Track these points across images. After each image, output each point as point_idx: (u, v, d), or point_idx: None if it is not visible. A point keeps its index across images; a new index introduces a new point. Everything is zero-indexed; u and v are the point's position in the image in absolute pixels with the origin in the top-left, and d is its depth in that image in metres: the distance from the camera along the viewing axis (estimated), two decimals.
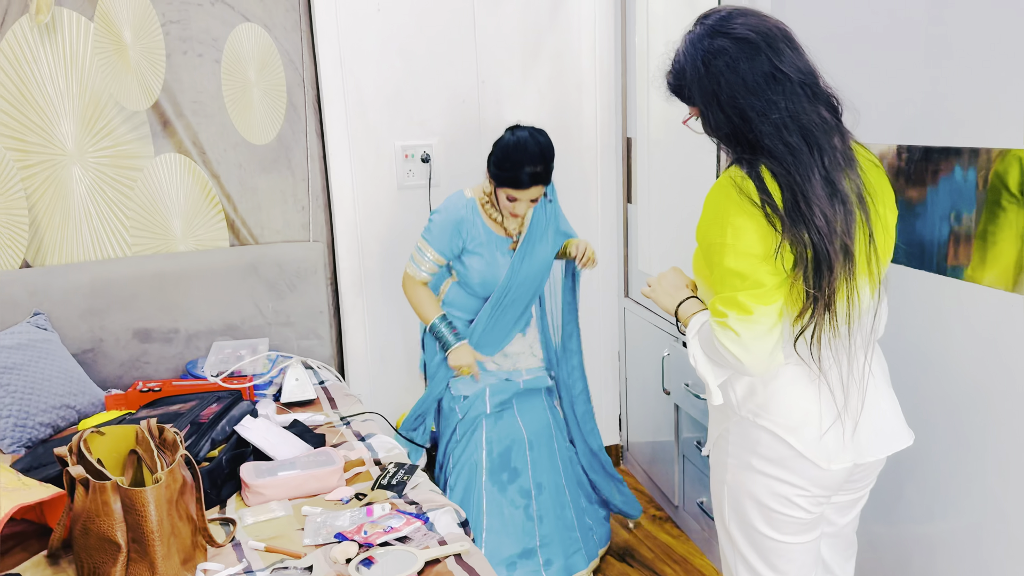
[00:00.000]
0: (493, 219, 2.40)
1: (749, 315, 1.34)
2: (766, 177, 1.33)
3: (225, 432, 2.01)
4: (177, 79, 2.62)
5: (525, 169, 2.22)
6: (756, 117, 1.33)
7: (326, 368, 2.76)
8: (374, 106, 2.82)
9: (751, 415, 1.47)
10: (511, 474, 2.48)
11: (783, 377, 1.44)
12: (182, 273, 2.66)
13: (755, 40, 1.34)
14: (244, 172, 2.76)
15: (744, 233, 1.34)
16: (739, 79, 1.33)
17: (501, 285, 2.40)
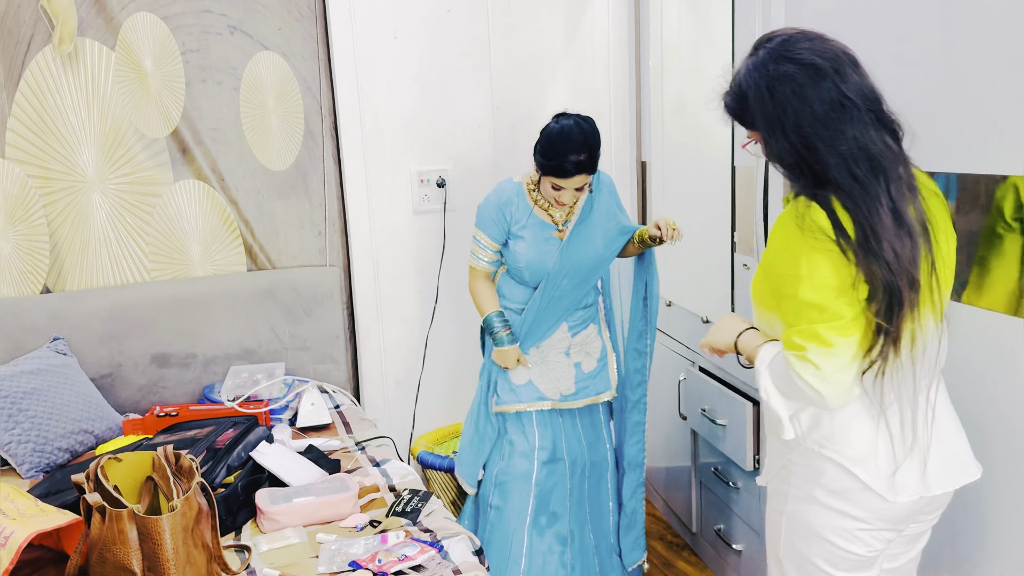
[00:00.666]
0: (540, 205, 2.35)
1: (830, 348, 1.31)
2: (837, 209, 1.30)
3: (241, 458, 2.01)
4: (196, 107, 2.65)
5: (569, 158, 2.17)
6: (824, 147, 1.30)
7: (342, 392, 2.77)
8: (390, 132, 2.84)
9: (816, 446, 1.44)
10: (550, 518, 2.44)
11: (849, 408, 1.40)
12: (200, 298, 2.68)
13: (822, 65, 1.30)
14: (262, 198, 2.78)
15: (818, 265, 1.30)
16: (806, 107, 1.30)
17: (552, 271, 2.33)
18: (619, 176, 3.14)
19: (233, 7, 2.64)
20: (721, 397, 2.48)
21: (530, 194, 2.35)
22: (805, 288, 1.31)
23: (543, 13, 2.96)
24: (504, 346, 2.36)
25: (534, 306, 2.37)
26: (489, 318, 2.38)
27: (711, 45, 2.54)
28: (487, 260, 2.37)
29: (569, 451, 2.46)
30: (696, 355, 2.70)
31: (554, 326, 2.41)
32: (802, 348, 1.33)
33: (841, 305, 1.30)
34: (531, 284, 2.38)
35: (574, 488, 2.48)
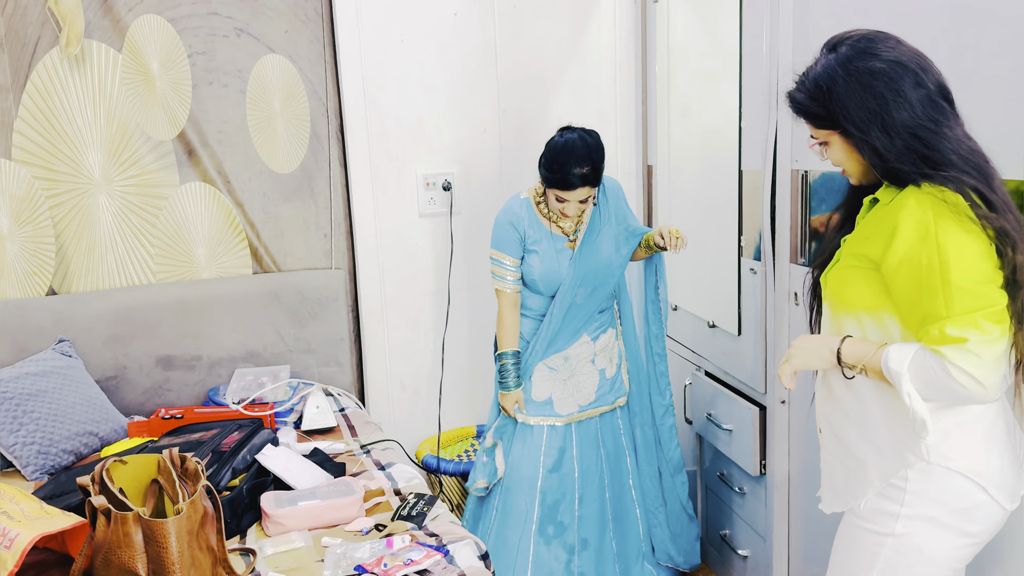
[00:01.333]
0: (548, 217, 2.37)
1: (991, 336, 1.26)
2: (969, 192, 1.28)
3: (246, 461, 2.01)
4: (203, 109, 2.65)
5: (573, 171, 2.20)
6: (933, 138, 1.30)
7: (346, 395, 2.76)
8: (396, 135, 2.84)
9: (943, 460, 1.36)
10: (557, 528, 2.44)
11: (985, 418, 1.36)
12: (205, 300, 2.68)
13: (909, 65, 1.32)
14: (268, 200, 2.78)
15: (967, 249, 1.26)
16: (904, 100, 1.30)
17: (567, 283, 2.34)
18: (625, 180, 3.13)
19: (240, 10, 2.65)
20: (727, 402, 2.47)
21: (538, 208, 2.37)
22: (956, 273, 1.26)
23: (549, 18, 2.95)
24: (508, 390, 2.39)
25: (552, 318, 2.38)
26: (504, 355, 2.39)
27: (718, 50, 2.53)
28: (513, 279, 2.37)
29: (581, 460, 2.45)
30: (702, 359, 2.69)
31: (574, 336, 2.42)
32: (962, 340, 1.26)
33: (994, 290, 1.27)
34: (547, 293, 2.39)
35: (587, 497, 2.46)
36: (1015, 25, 1.49)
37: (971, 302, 1.26)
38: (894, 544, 1.41)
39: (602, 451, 2.49)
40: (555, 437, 2.43)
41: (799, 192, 2.11)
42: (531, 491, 2.41)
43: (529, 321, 2.43)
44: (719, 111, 2.53)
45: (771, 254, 2.23)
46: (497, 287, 2.39)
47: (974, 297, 1.26)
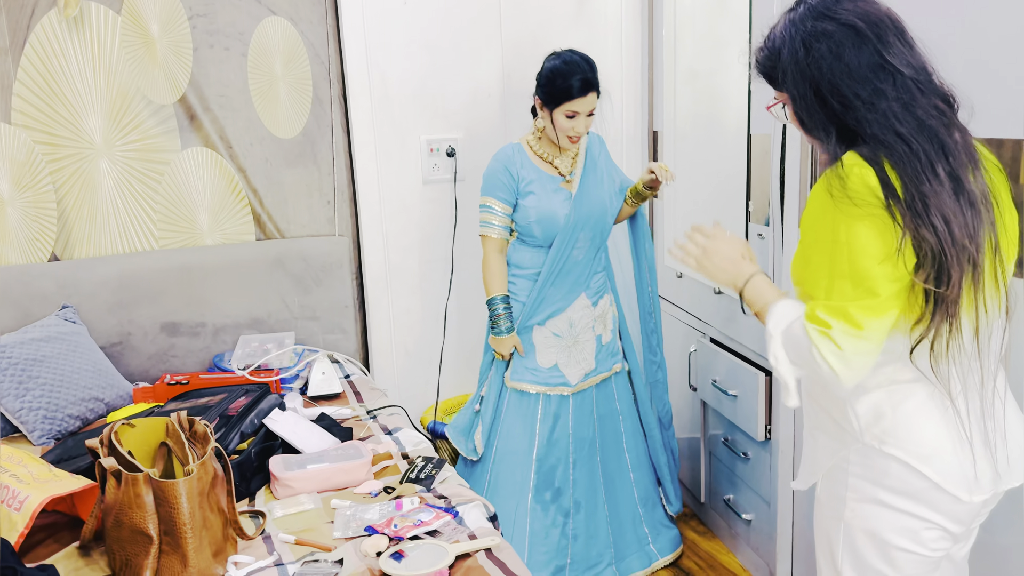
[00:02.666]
0: (542, 157, 2.39)
1: (859, 330, 1.20)
2: (886, 167, 1.20)
3: (254, 425, 2.01)
4: (204, 73, 2.62)
5: (576, 77, 2.24)
6: (862, 105, 1.22)
7: (351, 362, 2.76)
8: (399, 100, 2.81)
9: (877, 442, 1.30)
10: (554, 493, 2.45)
11: (914, 399, 1.29)
12: (209, 267, 2.66)
13: (862, 28, 1.24)
14: (270, 166, 2.76)
15: (859, 232, 1.20)
16: (843, 65, 1.23)
17: (566, 223, 2.34)
18: (630, 146, 3.11)
19: None
20: (732, 368, 2.47)
21: (531, 150, 2.39)
22: (841, 257, 1.21)
23: None
24: (502, 335, 2.38)
25: (549, 267, 2.36)
26: (493, 300, 2.38)
27: (726, 14, 2.50)
28: (500, 225, 2.37)
29: (576, 428, 2.47)
30: (707, 326, 2.69)
31: (572, 293, 2.41)
32: (826, 325, 1.22)
33: (879, 279, 1.20)
34: (543, 242, 2.38)
35: (579, 461, 2.48)
36: None
37: (848, 289, 1.21)
38: (846, 530, 1.36)
39: (595, 416, 2.52)
40: (550, 405, 2.44)
41: (808, 156, 2.09)
42: (526, 460, 2.43)
43: (523, 280, 2.42)
44: (727, 75, 2.50)
45: (779, 219, 2.21)
46: (483, 232, 2.39)
47: (853, 284, 1.21)
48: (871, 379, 1.29)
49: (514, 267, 2.43)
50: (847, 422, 1.34)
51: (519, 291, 2.42)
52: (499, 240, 2.38)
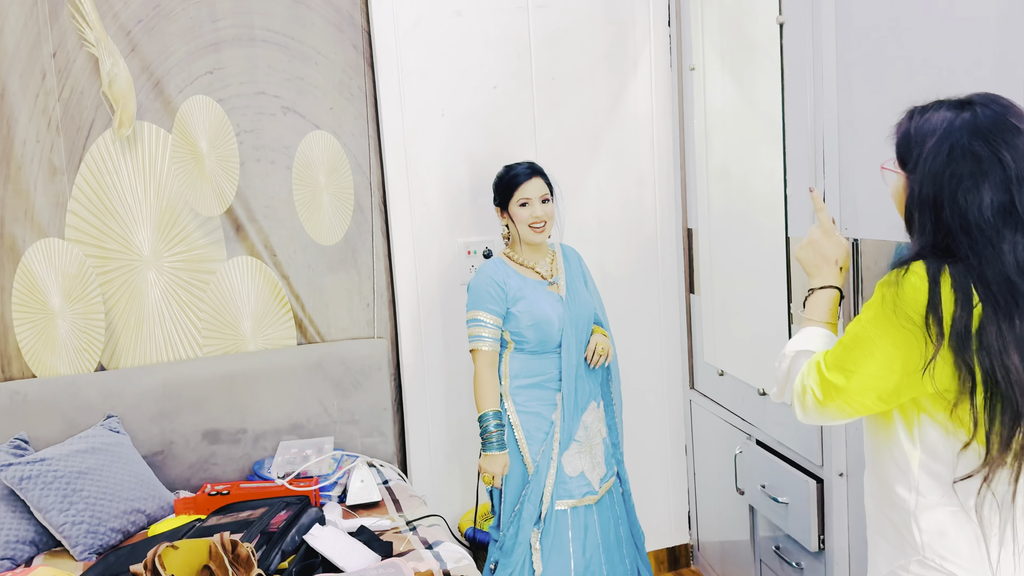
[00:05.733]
0: (523, 264, 2.48)
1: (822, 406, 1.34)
2: (945, 282, 1.21)
3: (295, 542, 1.99)
4: (250, 185, 2.71)
5: (520, 167, 2.46)
6: (980, 238, 1.22)
7: (390, 467, 2.74)
8: (437, 205, 2.87)
9: (939, 558, 1.32)
10: None
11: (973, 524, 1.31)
12: (251, 373, 2.69)
13: (1009, 166, 1.22)
14: (312, 272, 2.81)
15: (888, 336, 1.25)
16: (977, 195, 1.22)
17: (567, 324, 2.39)
18: (664, 243, 3.12)
19: (286, 89, 2.71)
20: (782, 473, 2.41)
21: (511, 261, 2.48)
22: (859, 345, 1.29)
23: (587, 88, 2.99)
24: (493, 451, 2.35)
25: (567, 373, 2.39)
26: (485, 416, 2.37)
27: (758, 115, 2.54)
28: (491, 337, 2.39)
29: (603, 535, 2.45)
30: (752, 427, 2.63)
31: (590, 396, 2.44)
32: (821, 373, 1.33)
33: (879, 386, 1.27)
34: (539, 347, 2.39)
35: (613, 571, 2.43)
36: None
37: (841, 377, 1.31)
38: None
39: (613, 520, 2.50)
40: (579, 517, 2.40)
41: (850, 259, 2.08)
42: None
43: (529, 390, 2.41)
44: (760, 175, 2.52)
45: None
46: (473, 347, 2.40)
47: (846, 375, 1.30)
48: (939, 490, 1.30)
49: (514, 378, 2.42)
50: (909, 534, 1.34)
51: (538, 405, 2.41)
52: (491, 353, 2.39)
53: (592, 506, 2.44)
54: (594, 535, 2.42)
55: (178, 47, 2.59)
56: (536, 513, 2.36)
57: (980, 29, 1.64)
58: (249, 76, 2.67)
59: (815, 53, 2.14)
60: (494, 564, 2.39)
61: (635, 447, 3.08)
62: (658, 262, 3.14)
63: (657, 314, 3.15)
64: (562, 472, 2.38)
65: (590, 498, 2.42)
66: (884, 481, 1.37)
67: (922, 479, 1.30)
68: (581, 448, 2.42)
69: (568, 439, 2.39)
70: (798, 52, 2.23)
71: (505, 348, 2.44)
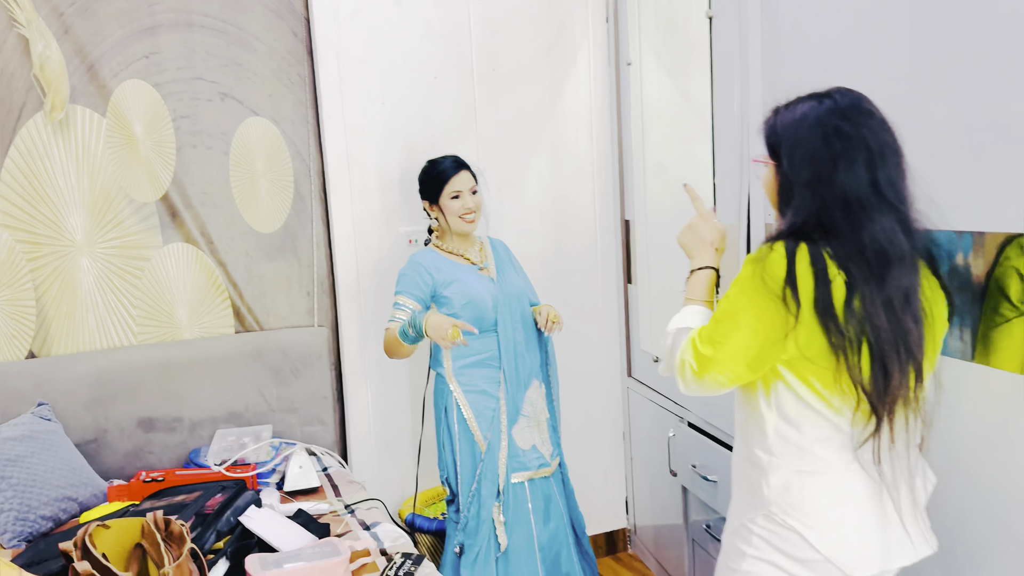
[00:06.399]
0: (453, 252, 2.53)
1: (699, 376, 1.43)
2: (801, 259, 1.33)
3: (230, 523, 1.98)
4: (186, 171, 2.68)
5: (446, 161, 2.51)
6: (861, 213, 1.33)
7: (329, 454, 2.74)
8: (378, 194, 2.88)
9: (782, 512, 1.44)
10: None
11: (821, 483, 1.42)
12: (187, 361, 2.67)
13: (874, 149, 1.34)
14: (251, 260, 2.80)
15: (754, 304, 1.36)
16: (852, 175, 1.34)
17: (500, 301, 2.43)
18: (603, 234, 3.19)
19: (224, 75, 2.70)
20: (711, 452, 2.49)
21: (442, 250, 2.53)
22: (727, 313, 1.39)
23: (527, 81, 3.04)
24: (433, 316, 2.28)
25: (504, 353, 2.43)
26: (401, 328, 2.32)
27: (691, 110, 2.62)
28: (406, 319, 2.38)
29: (567, 506, 2.49)
30: (685, 411, 2.71)
31: (531, 375, 2.48)
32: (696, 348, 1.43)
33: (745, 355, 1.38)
34: (475, 326, 2.38)
35: (578, 542, 2.49)
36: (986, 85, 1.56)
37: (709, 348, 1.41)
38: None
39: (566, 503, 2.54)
40: (536, 487, 2.44)
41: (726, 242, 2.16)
42: (530, 555, 2.40)
43: (471, 369, 2.44)
44: (694, 168, 2.61)
45: None
46: (388, 327, 2.39)
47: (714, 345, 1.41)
48: (788, 453, 1.43)
49: (456, 359, 2.45)
50: (760, 489, 1.46)
51: (471, 380, 2.44)
52: None
53: (549, 479, 2.47)
54: (556, 507, 2.46)
55: (113, 30, 2.56)
56: (494, 489, 2.39)
57: (897, 21, 1.74)
58: (186, 61, 2.65)
59: (742, 47, 2.22)
60: (459, 547, 2.40)
61: (574, 435, 3.14)
62: (596, 253, 3.20)
63: (595, 304, 3.21)
64: (514, 445, 2.42)
65: (545, 470, 2.45)
66: (747, 442, 1.49)
67: (775, 441, 1.42)
68: (530, 423, 2.46)
69: (515, 413, 2.42)
70: (726, 46, 2.31)
71: None
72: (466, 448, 2.43)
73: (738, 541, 1.51)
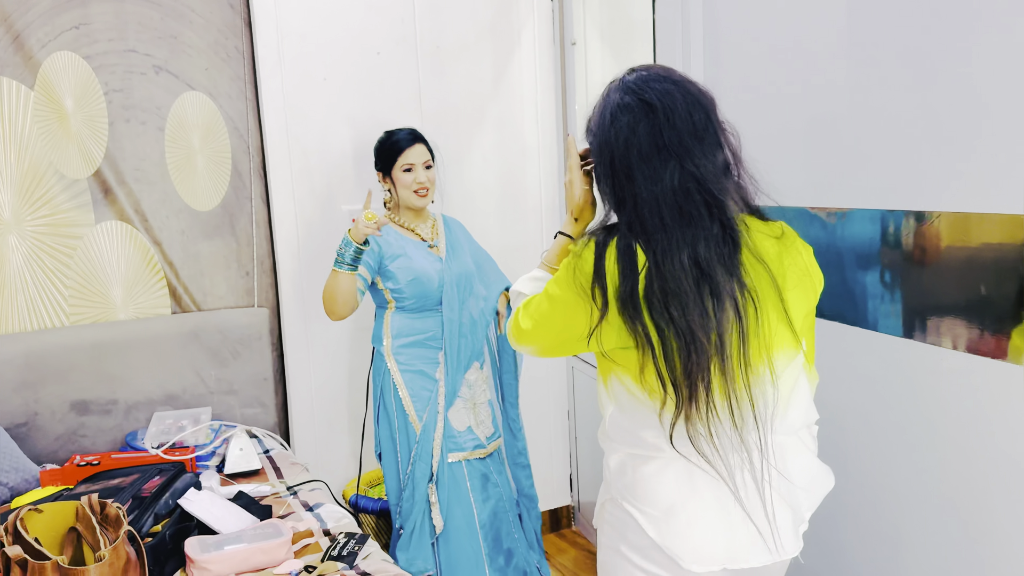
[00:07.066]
0: (404, 226, 2.48)
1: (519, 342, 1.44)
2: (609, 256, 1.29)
3: (168, 506, 1.95)
4: (119, 147, 2.60)
5: (402, 132, 2.46)
6: (642, 181, 1.28)
7: (271, 436, 2.71)
8: (320, 172, 2.84)
9: (619, 496, 1.39)
10: (507, 556, 2.44)
11: (653, 463, 1.35)
12: (122, 342, 2.59)
13: (656, 107, 1.28)
14: (187, 238, 2.73)
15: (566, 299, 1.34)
16: (636, 139, 1.28)
17: (447, 281, 2.40)
18: (548, 214, 3.20)
19: (158, 47, 2.62)
20: None
21: (392, 223, 2.47)
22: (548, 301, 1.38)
23: (472, 59, 3.02)
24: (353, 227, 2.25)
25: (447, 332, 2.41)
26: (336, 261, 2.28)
27: None
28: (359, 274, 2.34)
29: (502, 482, 2.50)
30: None
31: (471, 356, 2.46)
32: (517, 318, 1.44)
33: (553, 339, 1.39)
34: (418, 304, 2.40)
35: (516, 521, 2.50)
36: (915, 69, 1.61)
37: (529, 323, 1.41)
38: (600, 570, 1.47)
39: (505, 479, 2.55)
40: (474, 468, 2.45)
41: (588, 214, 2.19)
42: (471, 533, 2.41)
43: (411, 349, 2.42)
44: None
45: None
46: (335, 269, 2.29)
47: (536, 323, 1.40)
48: (621, 437, 1.38)
49: (395, 337, 2.42)
50: (605, 473, 1.44)
51: (409, 360, 2.42)
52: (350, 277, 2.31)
53: (486, 460, 2.48)
54: (495, 485, 2.47)
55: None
56: (428, 470, 2.39)
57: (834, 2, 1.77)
58: (118, 33, 2.56)
59: (684, 27, 2.24)
60: (401, 528, 2.41)
61: None
62: (541, 233, 3.21)
63: None
64: (449, 426, 2.41)
65: (480, 451, 2.46)
66: (600, 427, 1.46)
67: (612, 427, 1.39)
68: (466, 404, 2.45)
69: (453, 395, 2.42)
70: (669, 26, 2.33)
71: (386, 308, 2.45)
72: (401, 428, 2.42)
73: (599, 524, 1.48)
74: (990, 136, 1.46)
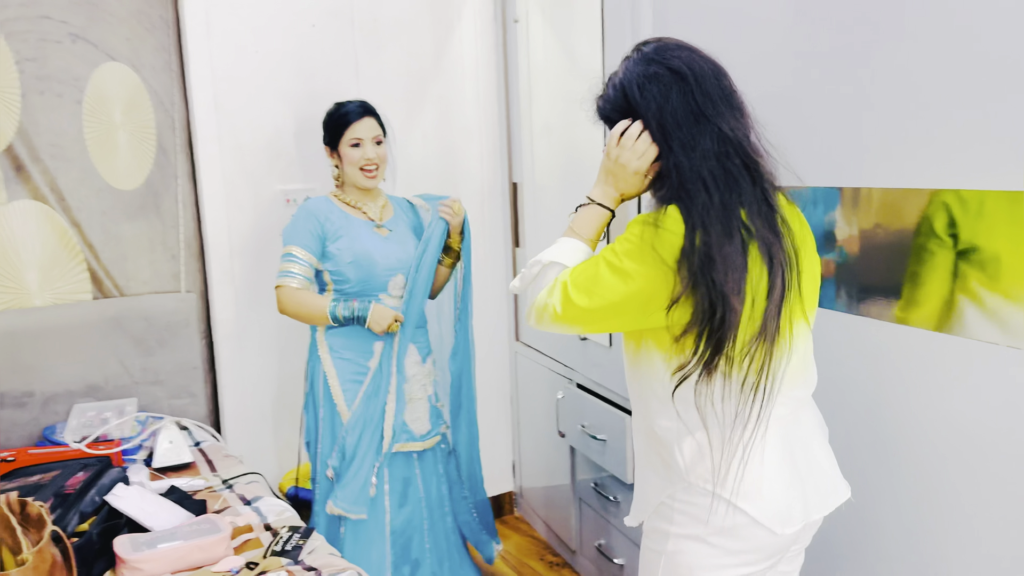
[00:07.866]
0: (350, 204, 2.37)
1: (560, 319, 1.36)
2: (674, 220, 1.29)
3: (95, 503, 1.82)
4: (33, 121, 2.41)
5: (351, 104, 2.34)
6: (680, 148, 1.30)
7: (202, 428, 2.58)
8: (252, 149, 2.70)
9: (700, 480, 1.38)
10: (412, 567, 2.37)
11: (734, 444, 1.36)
12: (38, 330, 2.42)
13: (687, 75, 1.32)
14: (108, 219, 2.56)
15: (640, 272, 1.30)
16: (670, 106, 1.31)
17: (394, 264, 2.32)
18: (491, 197, 3.14)
19: (75, 14, 2.44)
20: (600, 412, 2.51)
21: (338, 200, 2.37)
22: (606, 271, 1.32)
23: (410, 34, 2.92)
24: (369, 307, 2.24)
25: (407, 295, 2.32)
26: (333, 307, 2.25)
27: (576, 71, 2.59)
28: (301, 274, 2.27)
29: (426, 488, 2.41)
30: (573, 372, 2.72)
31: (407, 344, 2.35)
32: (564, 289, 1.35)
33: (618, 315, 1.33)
34: (360, 288, 2.31)
35: (433, 528, 2.42)
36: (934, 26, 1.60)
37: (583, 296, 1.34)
38: (666, 562, 1.43)
39: (435, 478, 2.46)
40: (397, 468, 2.36)
41: None
42: (380, 535, 2.33)
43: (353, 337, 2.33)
44: (580, 130, 2.58)
45: None
46: (280, 283, 2.26)
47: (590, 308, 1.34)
48: (694, 421, 1.36)
49: (331, 333, 2.34)
50: (674, 461, 1.40)
51: (342, 348, 2.33)
52: (299, 291, 2.28)
53: (413, 459, 2.39)
54: (415, 490, 2.39)
55: None
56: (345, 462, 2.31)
57: None
58: None
59: (633, 7, 2.20)
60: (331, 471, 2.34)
61: None
62: (484, 215, 3.14)
63: (483, 267, 3.15)
64: (381, 418, 2.32)
65: (413, 444, 2.37)
66: (647, 415, 1.43)
67: (680, 407, 1.35)
68: (400, 397, 2.36)
69: (387, 384, 2.32)
70: (618, 6, 2.28)
71: (324, 291, 2.34)
72: (327, 416, 2.33)
73: (659, 522, 1.45)
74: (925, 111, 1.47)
